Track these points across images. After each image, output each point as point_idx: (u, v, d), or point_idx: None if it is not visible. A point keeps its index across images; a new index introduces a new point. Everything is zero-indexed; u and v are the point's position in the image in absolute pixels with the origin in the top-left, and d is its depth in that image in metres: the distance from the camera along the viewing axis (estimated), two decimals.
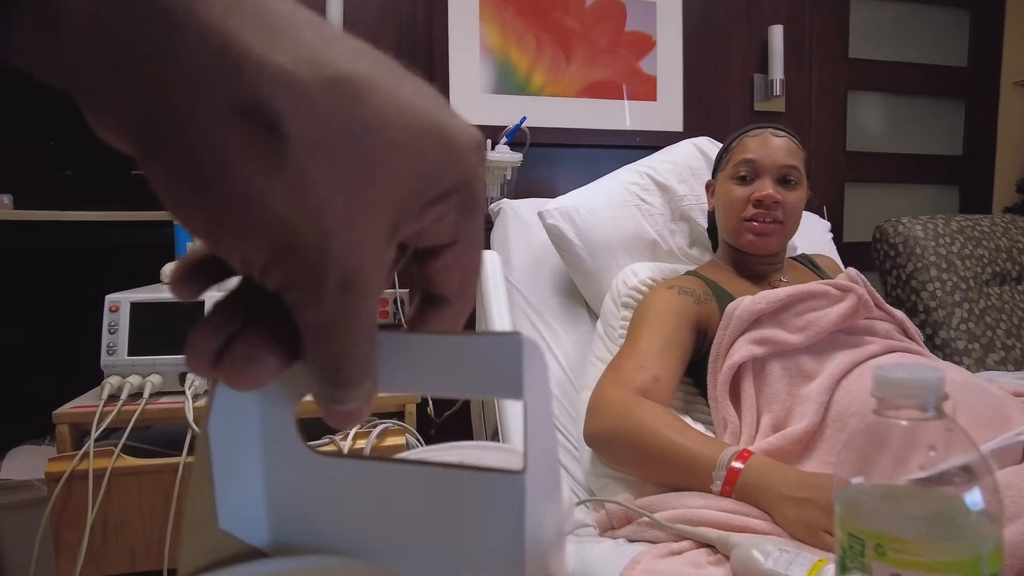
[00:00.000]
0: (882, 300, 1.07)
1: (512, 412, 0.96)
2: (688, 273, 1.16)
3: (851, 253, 2.32)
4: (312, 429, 1.01)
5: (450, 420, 1.45)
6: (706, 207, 1.36)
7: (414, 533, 0.24)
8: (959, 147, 2.47)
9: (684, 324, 1.03)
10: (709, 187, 1.21)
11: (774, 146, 1.09)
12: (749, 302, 0.99)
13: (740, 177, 1.10)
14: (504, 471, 0.23)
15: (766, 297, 0.99)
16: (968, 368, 1.69)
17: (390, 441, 1.01)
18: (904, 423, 0.37)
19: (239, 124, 0.18)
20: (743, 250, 1.12)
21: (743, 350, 0.97)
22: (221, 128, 0.18)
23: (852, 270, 1.08)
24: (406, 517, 0.24)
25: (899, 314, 1.08)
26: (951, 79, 2.42)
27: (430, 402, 1.47)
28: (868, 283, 1.07)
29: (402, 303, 1.94)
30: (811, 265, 1.24)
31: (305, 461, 0.25)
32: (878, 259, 1.90)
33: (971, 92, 2.46)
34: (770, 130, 1.12)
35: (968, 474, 0.35)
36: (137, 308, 1.06)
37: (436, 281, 0.25)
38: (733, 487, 0.81)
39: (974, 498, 0.35)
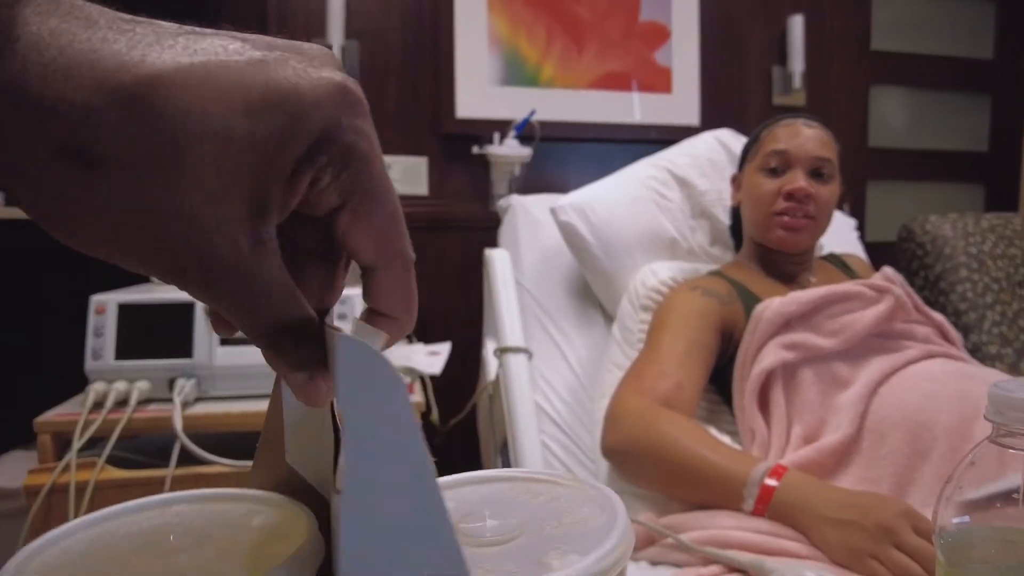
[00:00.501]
0: (921, 302, 1.00)
1: (522, 421, 0.90)
2: (711, 273, 1.09)
3: (873, 253, 2.24)
4: None
5: (456, 429, 1.38)
6: (728, 203, 1.29)
7: None
8: (984, 143, 2.39)
9: (709, 328, 0.96)
10: (735, 180, 1.14)
11: (806, 137, 1.02)
12: (779, 304, 0.92)
13: (770, 169, 1.03)
14: None
15: (797, 299, 0.92)
16: None
17: None
18: None
19: (61, 164, 0.20)
20: (771, 247, 1.04)
21: (772, 356, 0.90)
22: (49, 171, 0.20)
23: (889, 269, 1.00)
24: None
25: (938, 317, 1.01)
26: (977, 72, 2.34)
27: (434, 409, 1.40)
28: (906, 283, 1.00)
29: None
30: (841, 265, 1.17)
31: None
32: (904, 259, 1.82)
33: (998, 86, 2.37)
34: (802, 120, 1.06)
35: None
36: (125, 310, 1.00)
37: (351, 249, 0.24)
38: (767, 506, 0.74)
39: None
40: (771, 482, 0.74)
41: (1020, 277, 1.73)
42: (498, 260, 1.15)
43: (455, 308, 1.88)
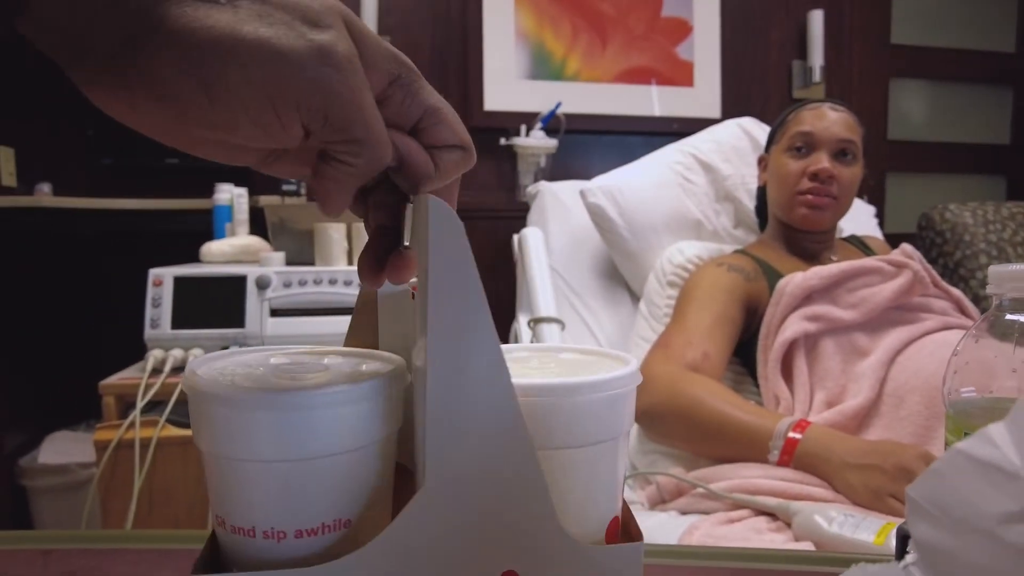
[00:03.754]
0: (939, 278, 1.03)
1: None
2: (737, 251, 1.13)
3: (894, 244, 2.26)
4: None
5: None
6: (753, 186, 1.33)
7: None
8: (1006, 135, 2.40)
9: (734, 302, 1.00)
10: (762, 161, 1.18)
11: (831, 119, 1.06)
12: (801, 278, 0.96)
13: (796, 149, 1.07)
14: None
15: (818, 273, 0.96)
16: None
17: None
18: None
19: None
20: (795, 226, 1.08)
21: (795, 326, 0.94)
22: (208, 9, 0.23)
23: (907, 246, 1.04)
24: None
25: (956, 292, 1.04)
26: (998, 65, 2.35)
27: None
28: (924, 260, 1.03)
29: None
30: (862, 246, 1.20)
31: None
32: (924, 247, 1.84)
33: (1020, 78, 2.38)
34: (828, 104, 1.09)
35: None
36: (181, 282, 1.06)
37: (444, 138, 0.30)
38: (792, 457, 0.78)
39: None
40: (795, 435, 0.78)
41: None
42: (531, 237, 1.20)
43: (485, 294, 1.92)
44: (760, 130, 1.41)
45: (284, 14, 0.25)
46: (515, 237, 1.38)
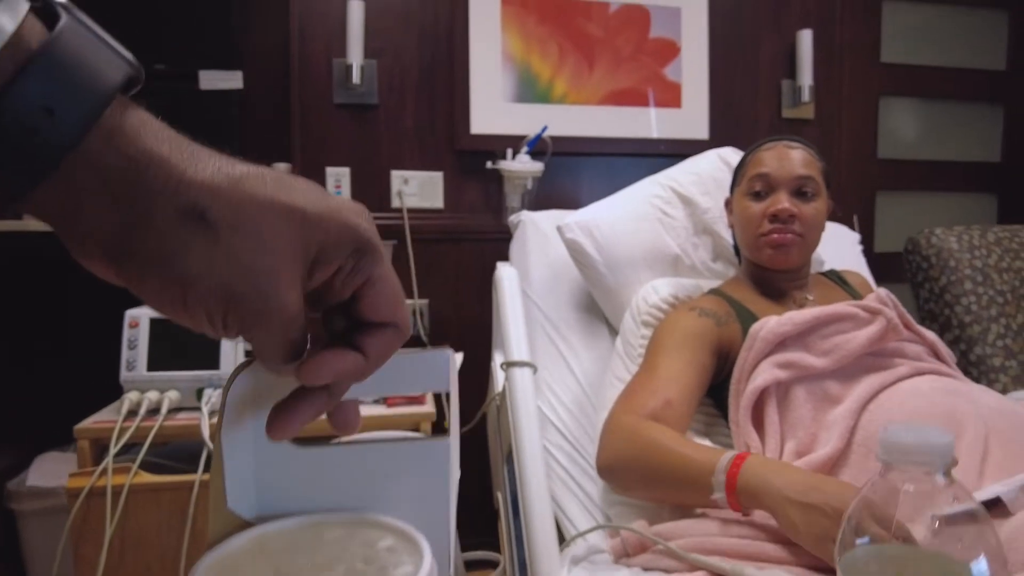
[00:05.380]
0: (913, 321, 1.04)
1: (526, 434, 0.95)
2: (711, 292, 1.13)
3: (883, 264, 2.26)
4: None
5: (468, 435, 1.42)
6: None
7: (366, 493, 0.36)
8: (997, 154, 2.39)
9: (704, 347, 1.00)
10: (728, 204, 1.18)
11: (788, 158, 1.06)
12: (775, 323, 0.96)
13: (755, 193, 1.07)
14: (432, 437, 0.37)
15: (792, 319, 0.96)
16: (1004, 387, 1.63)
17: None
18: (911, 488, 0.35)
19: (182, 221, 0.27)
20: (764, 266, 1.09)
21: (766, 374, 0.94)
22: (171, 226, 0.27)
23: (882, 291, 1.04)
24: (358, 482, 0.36)
25: (931, 336, 1.04)
26: (989, 83, 2.35)
27: (448, 415, 1.46)
28: (899, 304, 1.03)
29: (422, 314, 1.94)
30: (839, 281, 1.20)
31: (283, 452, 0.36)
32: (910, 271, 1.84)
33: (1011, 96, 2.38)
34: (784, 142, 1.09)
35: (975, 536, 0.33)
36: (157, 324, 1.07)
37: (372, 311, 0.33)
38: (735, 493, 0.77)
39: (980, 567, 0.33)
40: (733, 469, 0.78)
41: None
42: (506, 277, 1.20)
43: (471, 315, 1.93)
44: None
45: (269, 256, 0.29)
46: (496, 269, 1.39)
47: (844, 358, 0.94)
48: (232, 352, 1.07)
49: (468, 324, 1.94)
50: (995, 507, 0.68)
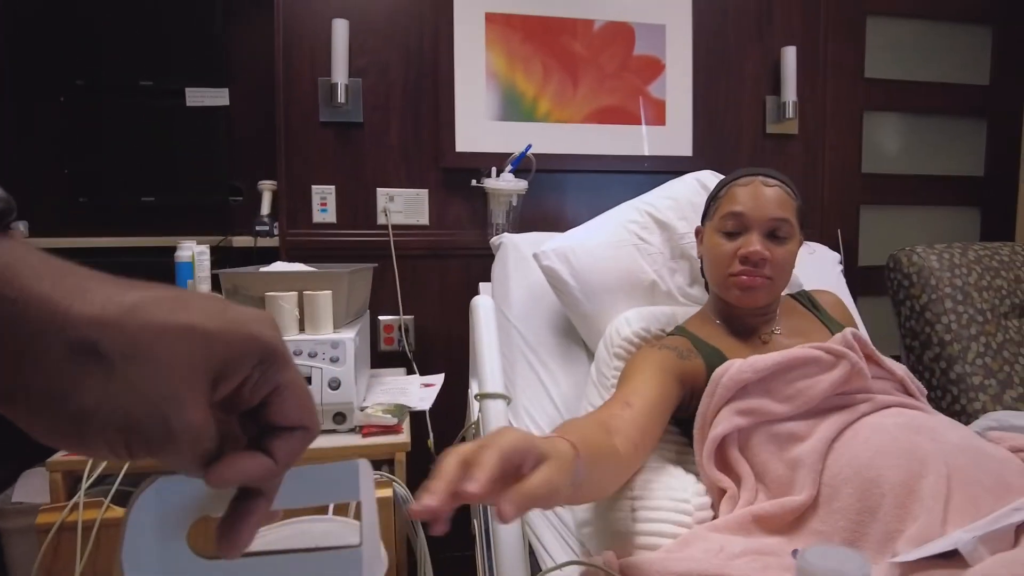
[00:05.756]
0: (881, 357, 1.01)
1: None
2: (676, 331, 1.12)
3: (867, 277, 2.27)
4: None
5: None
6: None
7: None
8: (980, 168, 2.40)
9: (668, 373, 0.99)
10: (698, 233, 1.17)
11: (764, 197, 1.04)
12: (735, 371, 0.94)
13: (727, 232, 1.05)
14: (342, 547, 0.37)
15: (752, 366, 0.94)
16: (984, 405, 1.64)
17: (378, 494, 1.01)
18: None
19: (72, 357, 0.27)
20: (731, 303, 1.08)
21: (727, 422, 0.93)
22: (60, 364, 0.27)
23: (848, 332, 1.00)
24: None
25: (900, 372, 1.02)
26: (973, 98, 2.36)
27: (431, 434, 1.47)
28: (867, 343, 1.01)
29: (407, 331, 1.95)
30: (810, 304, 1.19)
31: (191, 565, 0.36)
32: (891, 289, 1.85)
33: (994, 111, 2.39)
34: (760, 178, 1.07)
35: None
36: None
37: (281, 416, 0.33)
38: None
39: None
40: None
41: (1006, 308, 1.76)
42: (482, 306, 1.21)
43: (457, 330, 1.94)
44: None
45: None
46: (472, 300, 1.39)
47: (806, 403, 0.92)
48: None
49: (455, 340, 1.94)
50: (953, 558, 0.68)
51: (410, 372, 1.85)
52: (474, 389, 1.20)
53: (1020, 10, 2.39)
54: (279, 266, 1.30)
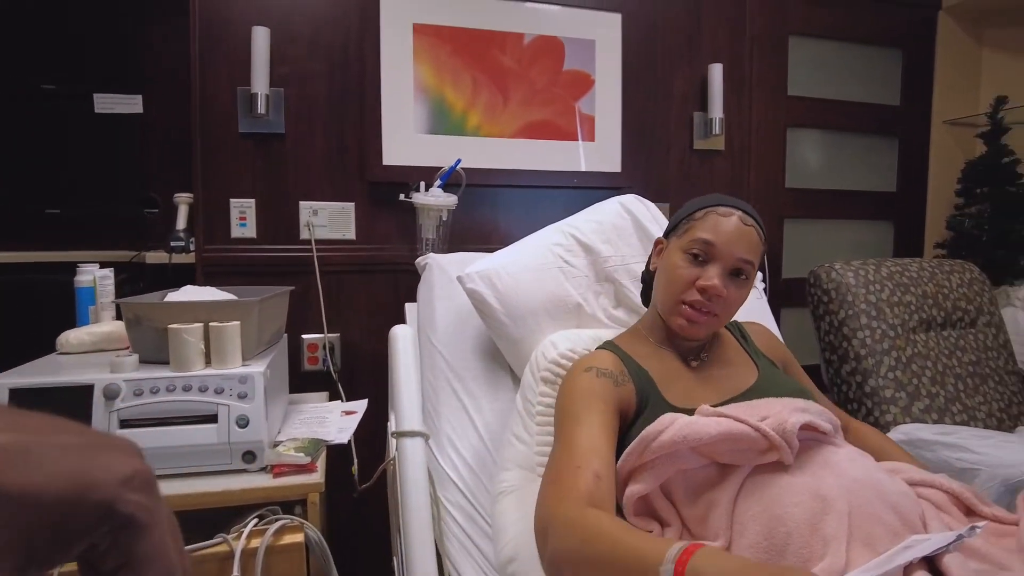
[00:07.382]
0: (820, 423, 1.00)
1: (414, 514, 0.92)
2: (605, 346, 1.11)
3: (789, 290, 2.34)
4: (202, 526, 0.96)
5: (370, 491, 1.38)
6: (634, 267, 1.34)
7: None
8: (893, 184, 2.52)
9: (608, 407, 0.97)
10: (658, 244, 1.14)
11: (739, 235, 1.01)
12: (669, 440, 0.89)
13: (693, 255, 1.03)
14: None
15: (687, 438, 0.89)
16: (895, 417, 1.71)
17: (288, 538, 0.96)
18: None
19: None
20: (671, 327, 1.08)
21: (647, 482, 0.90)
22: None
23: (792, 422, 0.92)
24: None
25: (815, 410, 1.02)
26: (885, 117, 2.47)
27: (355, 460, 1.42)
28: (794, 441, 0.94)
29: (332, 349, 1.89)
30: (740, 336, 1.19)
31: None
32: (812, 304, 1.91)
33: (904, 129, 2.50)
34: (740, 214, 1.03)
35: None
36: (18, 395, 0.99)
37: None
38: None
39: None
40: (683, 556, 0.75)
41: (915, 323, 1.84)
42: (401, 338, 1.17)
43: (385, 348, 1.89)
44: (643, 208, 1.43)
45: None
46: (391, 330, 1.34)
47: (726, 466, 0.91)
48: (105, 422, 1.01)
49: (382, 357, 1.89)
50: None
51: (334, 396, 1.80)
52: (392, 425, 1.16)
53: (927, 35, 2.51)
54: (187, 292, 1.23)
